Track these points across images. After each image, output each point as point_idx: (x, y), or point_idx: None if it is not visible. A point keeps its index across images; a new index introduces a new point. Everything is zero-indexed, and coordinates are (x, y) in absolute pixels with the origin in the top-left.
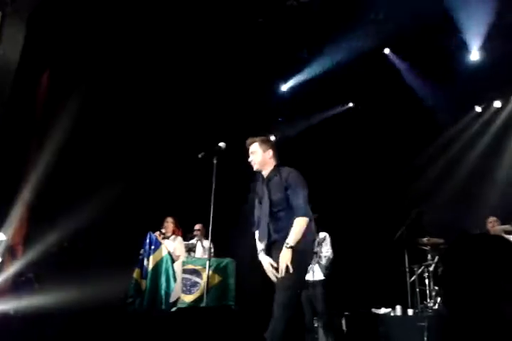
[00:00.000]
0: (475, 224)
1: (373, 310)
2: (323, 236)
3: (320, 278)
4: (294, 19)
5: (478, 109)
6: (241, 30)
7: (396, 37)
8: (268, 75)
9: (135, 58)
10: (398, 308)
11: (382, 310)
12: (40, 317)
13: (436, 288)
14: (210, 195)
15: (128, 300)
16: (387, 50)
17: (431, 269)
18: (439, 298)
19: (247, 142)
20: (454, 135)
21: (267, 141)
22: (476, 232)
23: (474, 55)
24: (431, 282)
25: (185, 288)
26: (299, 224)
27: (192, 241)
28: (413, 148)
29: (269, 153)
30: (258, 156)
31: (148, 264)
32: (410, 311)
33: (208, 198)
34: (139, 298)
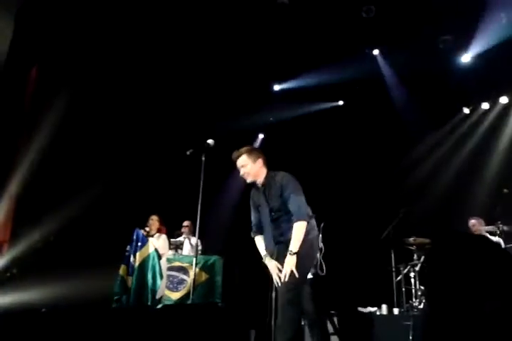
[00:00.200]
0: (462, 224)
1: (359, 309)
2: None
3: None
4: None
5: (467, 111)
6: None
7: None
8: (261, 74)
9: (124, 54)
10: (384, 307)
11: (368, 309)
12: (25, 313)
13: (422, 287)
14: (198, 191)
15: (114, 297)
16: (376, 51)
17: (417, 269)
18: (425, 298)
19: (234, 156)
20: (442, 135)
21: (254, 150)
22: (461, 232)
23: (465, 57)
24: (417, 281)
25: (171, 286)
26: (298, 229)
27: (179, 239)
28: (402, 148)
29: (259, 163)
30: (249, 168)
31: (134, 261)
32: (396, 310)
33: (196, 195)
34: (125, 294)
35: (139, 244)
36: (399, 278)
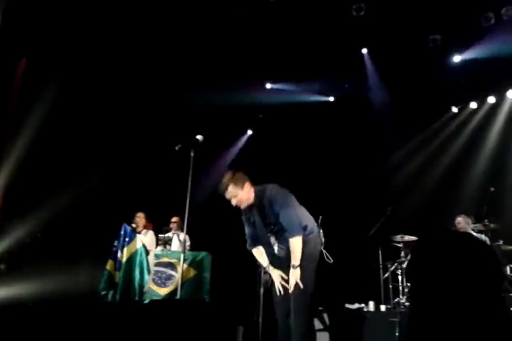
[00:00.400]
0: (450, 222)
1: (347, 306)
2: None
3: None
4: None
5: (455, 110)
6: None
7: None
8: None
9: (114, 48)
10: (371, 304)
11: (356, 306)
12: (11, 308)
13: (409, 284)
14: (187, 187)
15: (101, 292)
16: (365, 50)
17: (404, 266)
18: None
19: (221, 190)
20: (430, 134)
21: (237, 176)
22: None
23: (456, 57)
24: (404, 279)
25: (160, 281)
26: (295, 244)
27: (168, 234)
28: (390, 146)
29: (247, 186)
30: (240, 197)
31: (122, 256)
32: (383, 307)
33: (185, 191)
34: (112, 290)
35: (127, 239)
36: (386, 275)
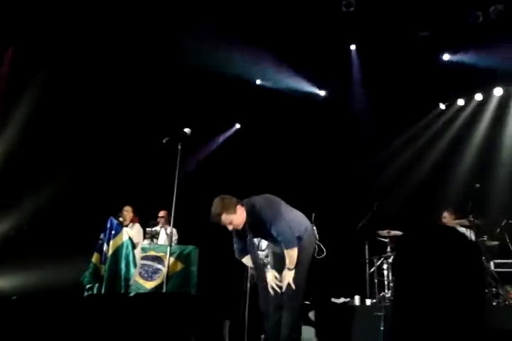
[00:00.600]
0: (436, 218)
1: (333, 300)
2: None
3: None
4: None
5: (442, 107)
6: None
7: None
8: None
9: (101, 39)
10: (357, 298)
11: (342, 300)
12: None
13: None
14: (174, 180)
15: (86, 285)
16: (353, 47)
17: (390, 261)
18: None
19: (214, 220)
20: (418, 130)
21: (227, 203)
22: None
23: (446, 56)
24: (389, 273)
25: (146, 275)
26: (291, 255)
27: (155, 228)
28: (378, 142)
29: (239, 209)
30: (235, 221)
31: (108, 249)
32: (368, 301)
33: (172, 184)
34: (98, 283)
35: (113, 232)
36: (372, 269)
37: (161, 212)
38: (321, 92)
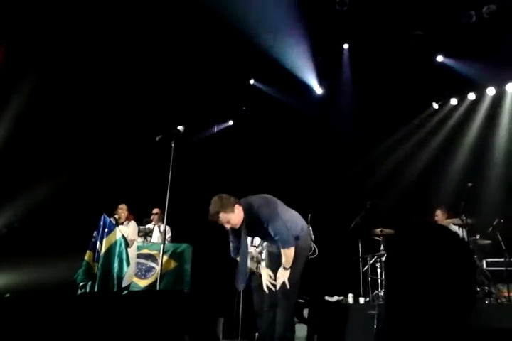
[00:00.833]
0: (429, 216)
1: (326, 298)
2: None
3: None
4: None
5: (436, 106)
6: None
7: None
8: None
9: (94, 39)
10: (350, 296)
11: (335, 298)
12: None
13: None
14: (168, 178)
15: (79, 283)
16: (346, 45)
17: (383, 259)
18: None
19: (212, 219)
20: (411, 129)
21: (225, 202)
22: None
23: (439, 57)
24: (382, 272)
25: (140, 273)
26: (287, 254)
27: (149, 226)
28: (371, 141)
29: (237, 208)
30: (233, 220)
31: (101, 247)
32: (362, 299)
33: (166, 182)
34: (91, 281)
35: (106, 230)
36: (365, 268)
37: (155, 210)
38: (318, 91)
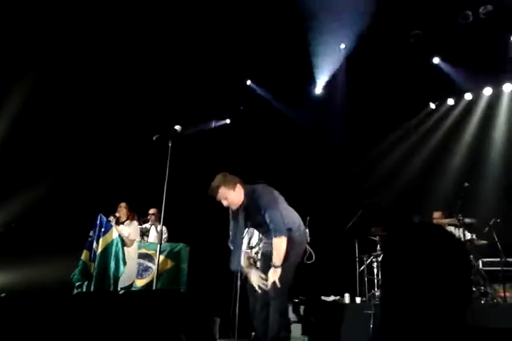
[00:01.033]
0: (426, 216)
1: (323, 298)
2: None
3: None
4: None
5: (433, 106)
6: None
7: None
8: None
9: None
10: (347, 296)
11: (332, 298)
12: None
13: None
14: (164, 178)
15: (75, 282)
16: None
17: (379, 259)
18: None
19: (211, 192)
20: (408, 130)
21: (228, 178)
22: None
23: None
24: (379, 271)
25: (137, 273)
26: (278, 245)
27: (145, 226)
28: (368, 141)
29: (238, 188)
30: (231, 198)
31: (97, 247)
32: (358, 299)
33: (162, 182)
34: (87, 280)
35: (103, 229)
36: (362, 267)
37: (151, 210)
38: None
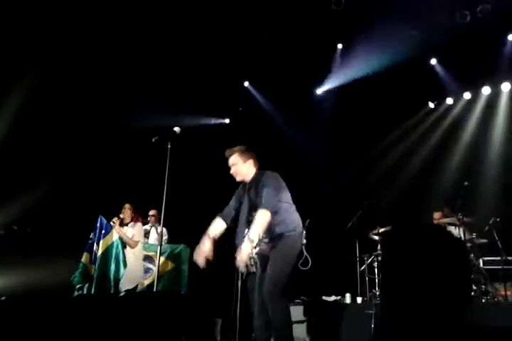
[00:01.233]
0: (427, 216)
1: (324, 298)
2: None
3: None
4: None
5: (431, 105)
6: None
7: None
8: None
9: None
10: (348, 296)
11: (333, 298)
12: None
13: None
14: (164, 180)
15: (75, 285)
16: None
17: (380, 259)
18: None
19: (226, 154)
20: (408, 128)
21: (247, 151)
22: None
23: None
24: (380, 271)
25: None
26: (260, 217)
27: (145, 227)
28: (367, 141)
29: (249, 163)
30: (239, 168)
31: (97, 249)
32: (359, 299)
33: (162, 183)
34: (88, 283)
35: (103, 231)
36: (363, 267)
37: (151, 211)
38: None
